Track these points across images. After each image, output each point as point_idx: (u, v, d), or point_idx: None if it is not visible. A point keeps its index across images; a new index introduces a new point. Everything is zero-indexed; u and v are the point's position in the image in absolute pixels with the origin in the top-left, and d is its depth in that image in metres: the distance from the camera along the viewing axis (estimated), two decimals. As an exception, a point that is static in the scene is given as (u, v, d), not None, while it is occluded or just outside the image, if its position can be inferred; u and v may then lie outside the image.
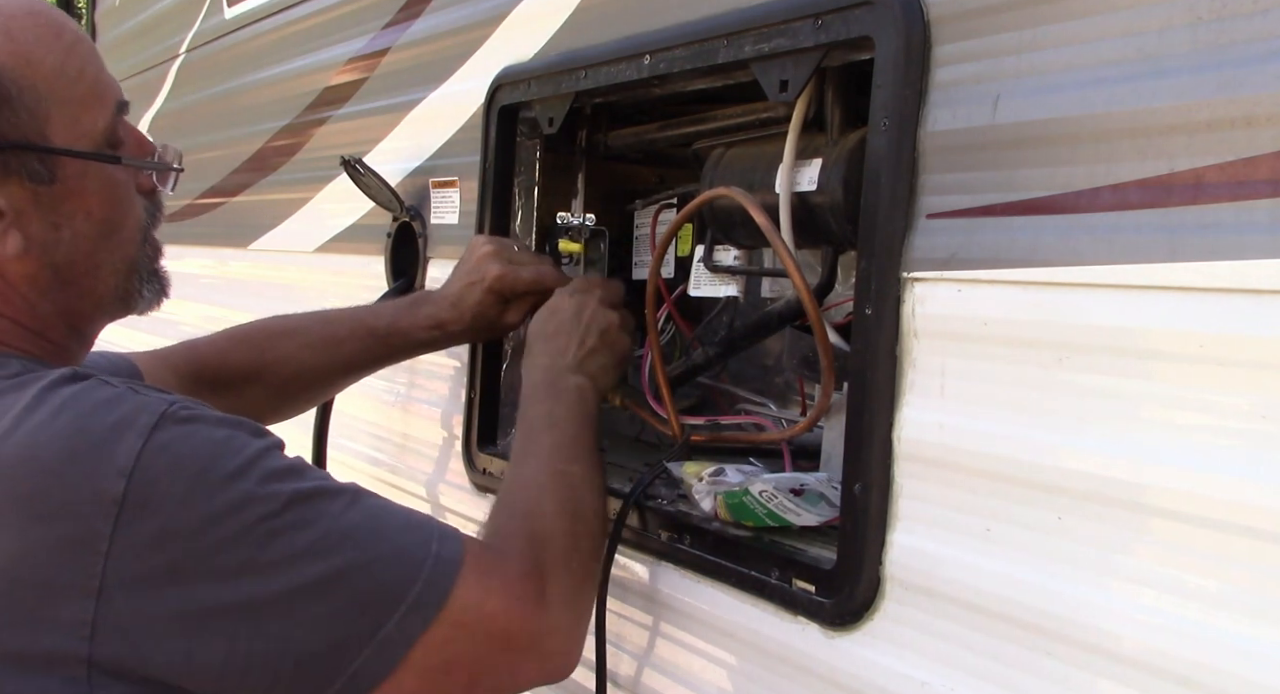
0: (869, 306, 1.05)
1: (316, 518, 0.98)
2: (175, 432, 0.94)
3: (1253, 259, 0.78)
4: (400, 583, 0.99)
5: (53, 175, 1.04)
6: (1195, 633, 0.81)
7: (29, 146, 1.02)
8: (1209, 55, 0.82)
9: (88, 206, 1.07)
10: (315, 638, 0.97)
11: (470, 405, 1.71)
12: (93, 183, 1.07)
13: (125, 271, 1.13)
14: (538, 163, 1.70)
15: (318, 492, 0.99)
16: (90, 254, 1.09)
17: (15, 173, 1.02)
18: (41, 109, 1.03)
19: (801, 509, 1.19)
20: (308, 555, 0.96)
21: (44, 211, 1.05)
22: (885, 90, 1.04)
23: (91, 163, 1.06)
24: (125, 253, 1.12)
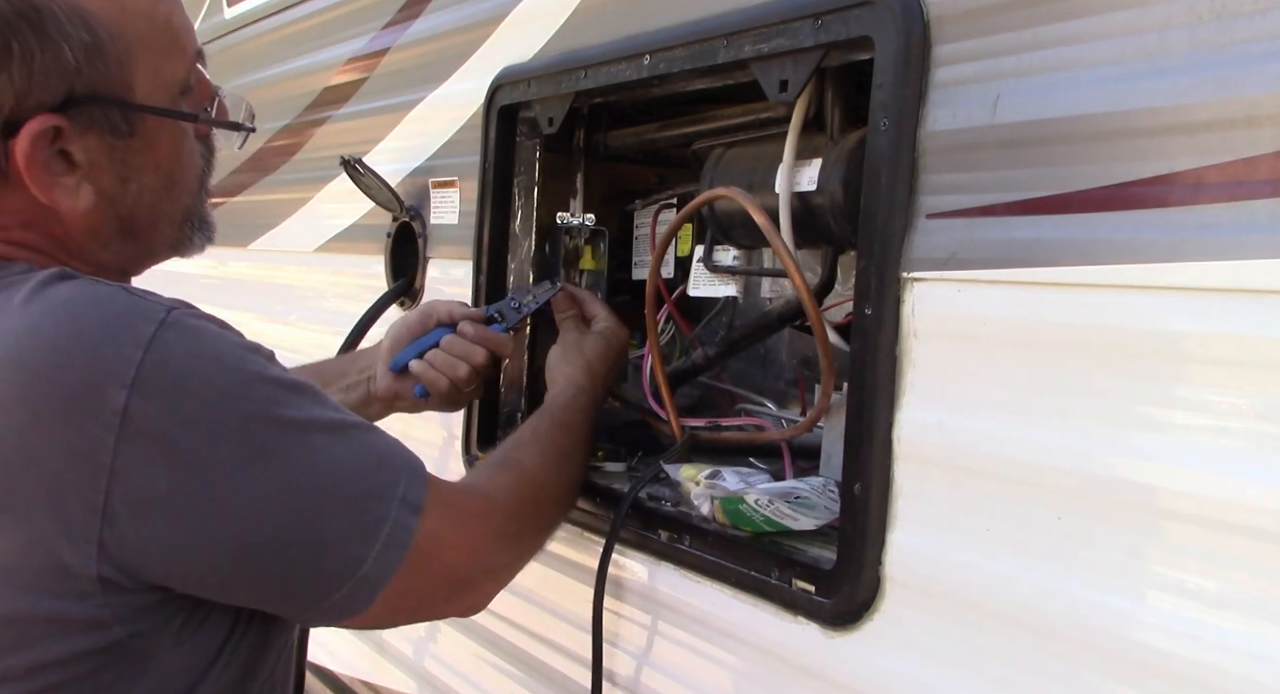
0: (869, 306, 1.05)
1: (308, 450, 0.98)
2: (175, 342, 0.93)
3: (1253, 259, 0.78)
4: (376, 520, 1.01)
5: (132, 129, 1.02)
6: (1195, 633, 0.81)
7: (119, 102, 1.00)
8: (1209, 55, 0.82)
9: (157, 159, 1.06)
10: (297, 567, 0.98)
11: (470, 405, 1.71)
12: (166, 136, 1.06)
13: (181, 220, 1.12)
14: (537, 163, 1.70)
15: (311, 423, 0.99)
16: (153, 206, 1.07)
17: (97, 124, 1.00)
18: (129, 59, 1.00)
19: (799, 514, 1.19)
20: (293, 488, 0.97)
21: (116, 165, 1.03)
22: (885, 90, 1.04)
23: (167, 118, 1.05)
24: (183, 203, 1.11)
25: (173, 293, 1.05)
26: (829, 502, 1.19)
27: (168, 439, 0.91)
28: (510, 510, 1.19)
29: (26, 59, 0.94)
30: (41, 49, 0.94)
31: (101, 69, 0.98)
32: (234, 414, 0.94)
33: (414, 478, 1.05)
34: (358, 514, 1.00)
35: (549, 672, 1.55)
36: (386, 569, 1.01)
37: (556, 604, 1.52)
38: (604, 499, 1.43)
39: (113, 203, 1.04)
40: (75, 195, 1.01)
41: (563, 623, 1.50)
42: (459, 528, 1.10)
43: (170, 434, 0.91)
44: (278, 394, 0.98)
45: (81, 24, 0.96)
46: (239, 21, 2.73)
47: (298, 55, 2.41)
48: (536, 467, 1.27)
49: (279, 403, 0.98)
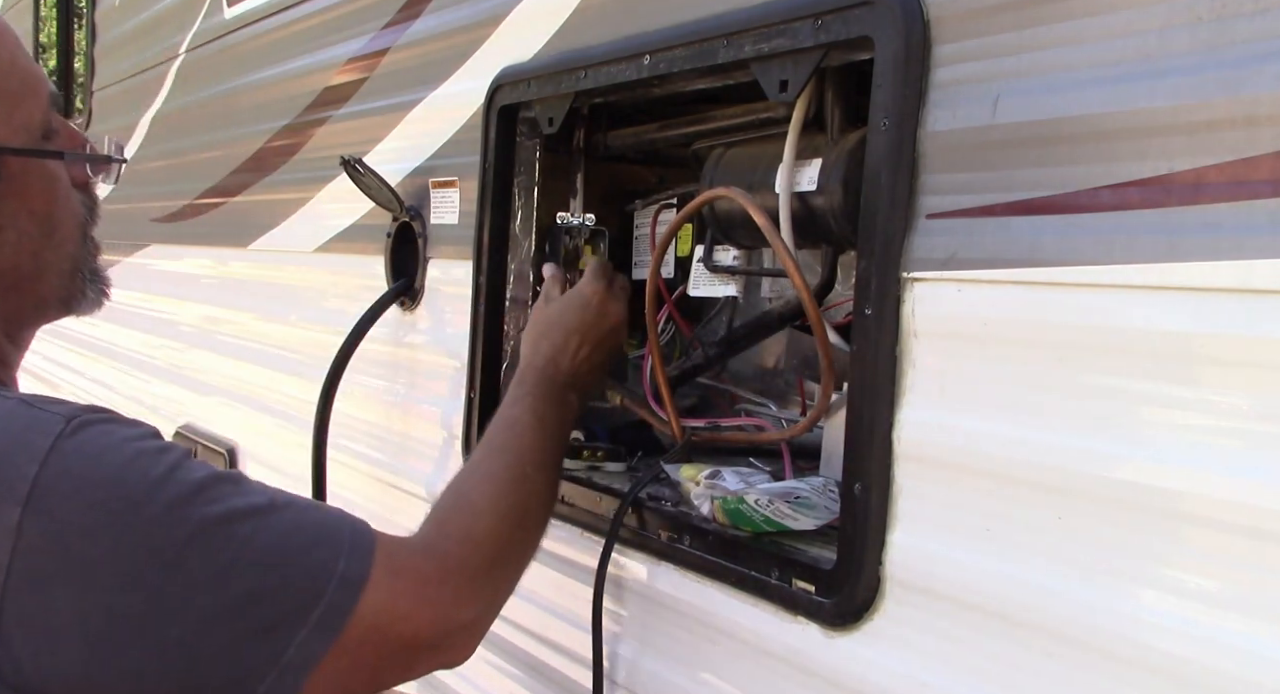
0: (869, 306, 1.05)
1: (222, 545, 0.92)
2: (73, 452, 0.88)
3: (1253, 259, 0.78)
4: (302, 606, 0.95)
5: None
6: (1195, 633, 0.81)
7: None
8: (1209, 55, 0.82)
9: (31, 205, 1.01)
10: (216, 666, 0.93)
11: (470, 405, 1.71)
12: (34, 179, 1.01)
13: (69, 271, 1.06)
14: (537, 163, 1.70)
15: (226, 516, 0.93)
16: (35, 254, 1.02)
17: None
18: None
19: (799, 514, 1.19)
20: (209, 585, 0.91)
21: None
22: (885, 90, 1.04)
23: (32, 159, 1.00)
24: (67, 251, 1.05)
25: (174, 293, 1.04)
26: (829, 502, 1.19)
27: (64, 554, 0.86)
28: (470, 561, 1.11)
29: None
30: None
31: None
32: (139, 521, 0.89)
33: (356, 552, 0.99)
34: (282, 602, 0.94)
35: (549, 672, 1.55)
36: (311, 655, 0.95)
37: (556, 604, 1.52)
38: (604, 499, 1.43)
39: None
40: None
41: (563, 623, 1.50)
42: (414, 597, 1.04)
43: (67, 549, 0.86)
44: (190, 493, 0.91)
45: None
46: (239, 21, 2.73)
47: (298, 55, 2.41)
48: (491, 495, 1.18)
49: (191, 501, 0.91)
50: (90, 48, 3.97)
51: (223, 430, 2.69)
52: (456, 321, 1.79)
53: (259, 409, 2.50)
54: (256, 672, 0.93)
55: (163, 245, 3.23)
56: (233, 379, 2.63)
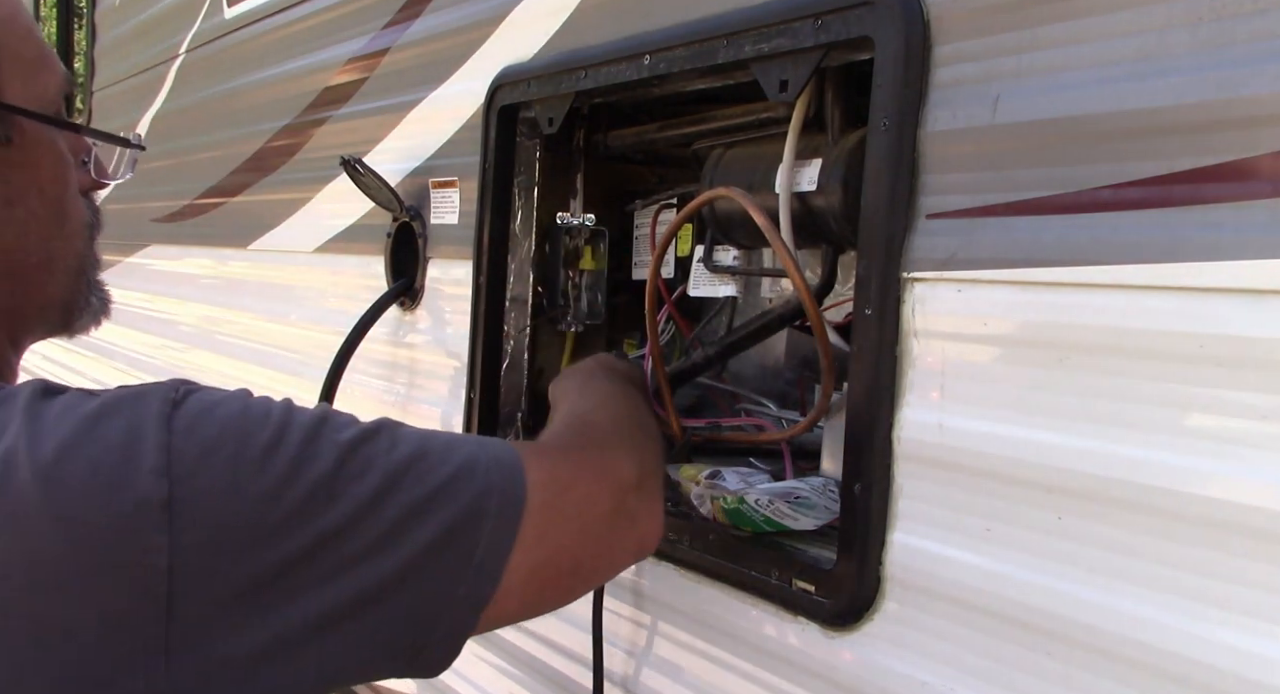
0: (869, 306, 1.05)
1: (369, 464, 0.87)
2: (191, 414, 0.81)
3: (1253, 259, 0.78)
4: (476, 496, 0.90)
5: (8, 137, 0.90)
6: (1195, 633, 0.81)
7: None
8: (1209, 55, 0.82)
9: (40, 181, 0.93)
10: (410, 588, 0.87)
11: (470, 405, 1.71)
12: (46, 155, 0.94)
13: (76, 271, 0.98)
14: (537, 163, 1.70)
15: (359, 437, 0.88)
16: (44, 241, 0.94)
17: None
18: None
19: (799, 514, 1.19)
20: (373, 504, 0.85)
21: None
22: (885, 90, 1.04)
23: (46, 128, 0.92)
24: (75, 248, 0.98)
25: (174, 293, 1.02)
26: (829, 502, 1.19)
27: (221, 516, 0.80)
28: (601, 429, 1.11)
29: None
30: None
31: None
32: (281, 465, 0.83)
33: (492, 445, 0.96)
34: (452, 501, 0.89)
35: (549, 672, 1.55)
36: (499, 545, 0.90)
37: (556, 604, 1.52)
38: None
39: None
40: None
41: (563, 623, 1.50)
42: (569, 465, 1.01)
43: (224, 508, 0.80)
44: (315, 426, 0.86)
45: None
46: (239, 21, 2.73)
47: (298, 55, 2.41)
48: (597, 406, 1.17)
49: (320, 433, 0.86)
50: (90, 48, 3.97)
51: (223, 430, 2.68)
52: (456, 321, 1.79)
53: (259, 409, 2.50)
54: (450, 578, 0.89)
55: (163, 245, 3.23)
56: (233, 379, 2.62)
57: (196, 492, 0.78)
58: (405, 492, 0.87)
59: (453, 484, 0.90)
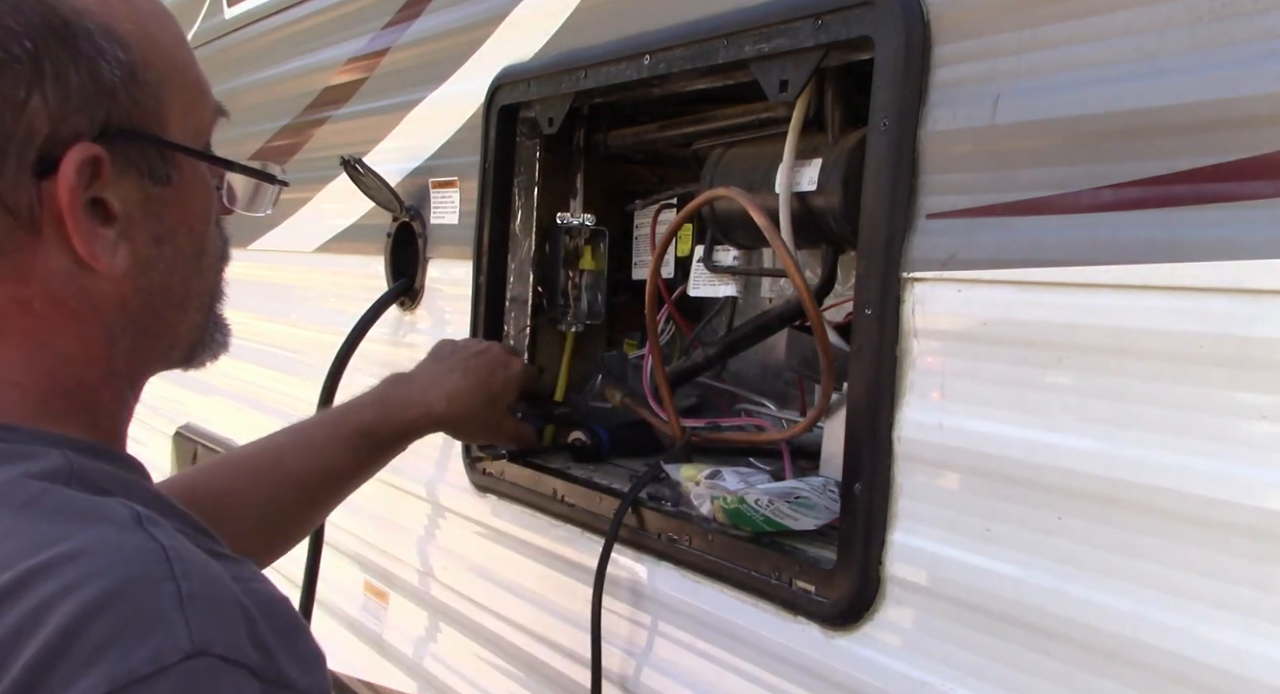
0: (869, 307, 1.05)
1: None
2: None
3: (1253, 259, 0.78)
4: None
5: (169, 176, 0.85)
6: (1195, 633, 0.81)
7: (157, 140, 0.83)
8: (1209, 55, 0.82)
9: (189, 220, 0.88)
10: None
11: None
12: (197, 191, 0.89)
13: (207, 308, 0.93)
14: (537, 163, 1.70)
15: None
16: (186, 280, 0.89)
17: (135, 165, 0.82)
18: (162, 93, 0.84)
19: (799, 514, 1.19)
20: None
21: (151, 221, 0.84)
22: (885, 90, 1.04)
23: (198, 167, 0.88)
24: (209, 284, 0.93)
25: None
26: (829, 502, 1.19)
27: None
28: None
29: (60, 78, 0.77)
30: (75, 65, 0.78)
31: (138, 97, 0.82)
32: None
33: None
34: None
35: (549, 672, 1.55)
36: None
37: (556, 604, 1.52)
38: (604, 499, 1.43)
39: (145, 270, 0.84)
40: (113, 253, 0.80)
41: (562, 623, 1.50)
42: None
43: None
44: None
45: (115, 41, 0.80)
46: (239, 21, 2.73)
47: (298, 55, 2.41)
48: None
49: None
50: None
51: (223, 430, 2.69)
52: (456, 322, 1.79)
53: (259, 409, 2.50)
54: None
55: (163, 245, 3.22)
56: (233, 379, 2.62)
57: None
58: None
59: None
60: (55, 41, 0.78)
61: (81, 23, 0.79)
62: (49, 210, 0.77)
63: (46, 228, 0.78)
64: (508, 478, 1.62)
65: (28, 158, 0.76)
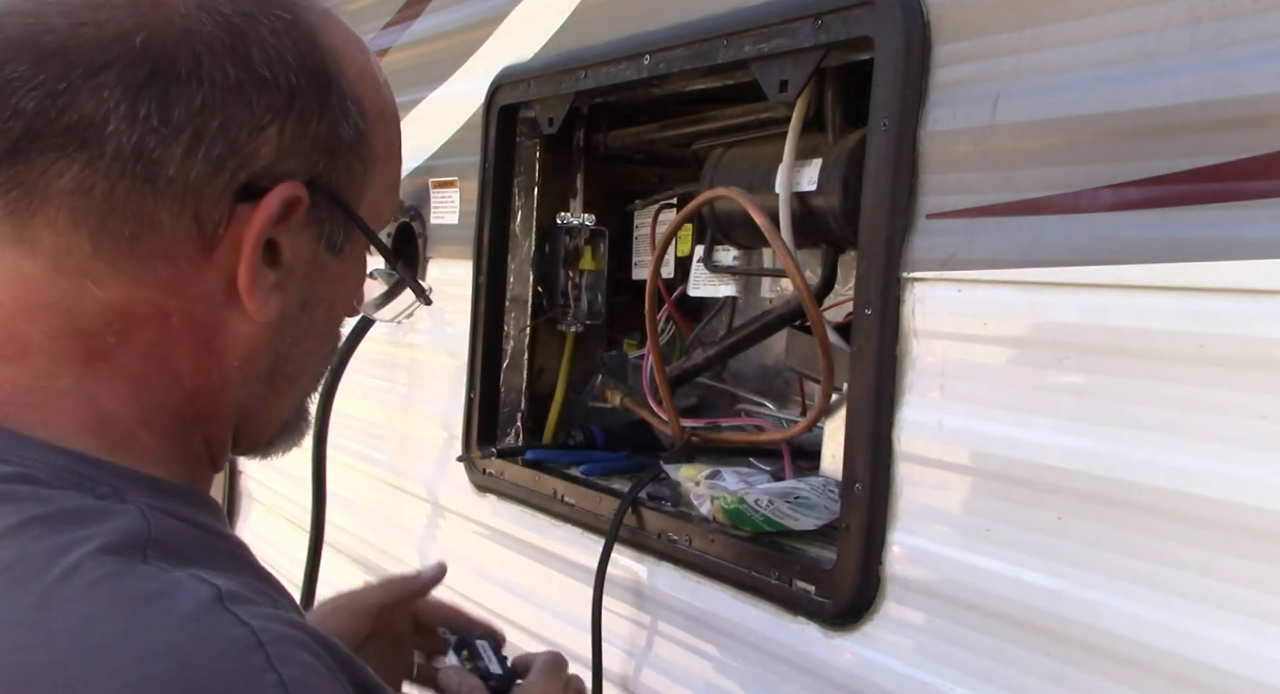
0: (869, 307, 1.05)
1: None
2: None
3: (1253, 259, 0.78)
4: None
5: (341, 249, 0.83)
6: (1195, 633, 0.81)
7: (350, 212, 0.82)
8: (1209, 55, 0.82)
9: (336, 298, 0.87)
10: None
11: (470, 405, 1.71)
12: (354, 276, 0.88)
13: (308, 391, 0.91)
14: (537, 163, 1.70)
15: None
16: (306, 354, 0.87)
17: (319, 226, 0.81)
18: (370, 174, 0.84)
19: (799, 514, 1.19)
20: None
21: (307, 284, 0.83)
22: (885, 90, 1.04)
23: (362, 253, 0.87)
24: (319, 370, 0.91)
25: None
26: (829, 502, 1.19)
27: None
28: None
29: (304, 120, 0.77)
30: (321, 116, 0.78)
31: (353, 165, 0.82)
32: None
33: None
34: None
35: (549, 672, 1.55)
36: None
37: (556, 604, 1.52)
38: (604, 499, 1.43)
39: (282, 328, 0.82)
40: (267, 296, 0.78)
41: (562, 623, 1.50)
42: None
43: None
44: None
45: (360, 110, 0.81)
46: (239, 21, 2.73)
47: (298, 55, 2.41)
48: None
49: None
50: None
51: (223, 430, 2.69)
52: (456, 321, 1.79)
53: (259, 409, 2.50)
54: None
55: (163, 245, 3.22)
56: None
57: None
58: None
59: None
60: (315, 88, 0.78)
61: (340, 83, 0.80)
62: (231, 234, 0.76)
63: (220, 251, 0.76)
64: (508, 478, 1.62)
65: (239, 178, 0.75)
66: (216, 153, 0.74)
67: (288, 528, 2.27)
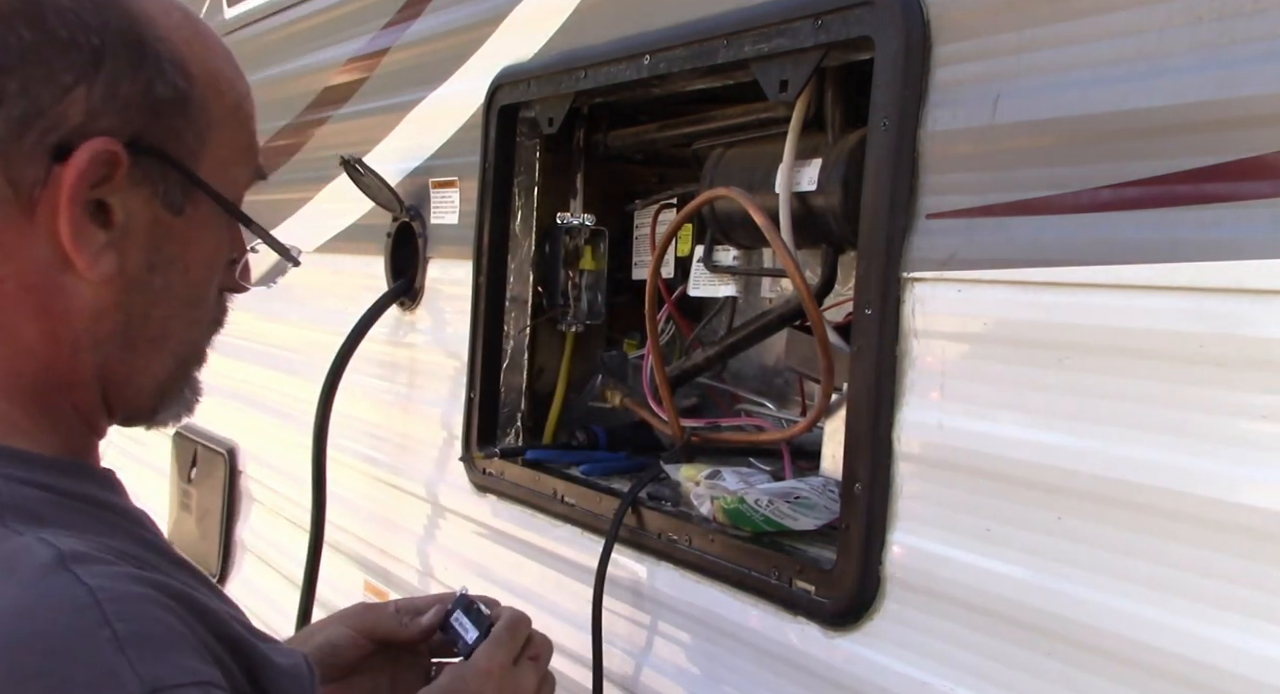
0: (869, 307, 1.05)
1: None
2: None
3: (1253, 259, 0.78)
4: None
5: (181, 209, 0.86)
6: (1195, 633, 0.81)
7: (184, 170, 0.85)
8: (1209, 55, 0.82)
9: (188, 261, 0.89)
10: None
11: (470, 405, 1.71)
12: (206, 240, 0.90)
13: (184, 359, 0.93)
14: (537, 163, 1.70)
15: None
16: (167, 319, 0.89)
17: (151, 182, 0.83)
18: (209, 136, 0.86)
19: (799, 514, 1.19)
20: None
21: (150, 245, 0.85)
22: (885, 90, 1.04)
23: (217, 215, 0.89)
24: (193, 337, 0.93)
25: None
26: (829, 502, 1.19)
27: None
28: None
29: (113, 81, 0.79)
30: (134, 77, 0.80)
31: (179, 126, 0.84)
32: None
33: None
34: None
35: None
36: None
37: (556, 604, 1.52)
38: (604, 499, 1.43)
39: (128, 289, 0.84)
40: (97, 256, 0.80)
41: (563, 623, 1.50)
42: None
43: None
44: None
45: (180, 72, 0.83)
46: (239, 21, 2.73)
47: (298, 55, 2.41)
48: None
49: None
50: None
51: (223, 430, 2.69)
52: (456, 322, 1.79)
53: (259, 409, 2.50)
54: None
55: (163, 245, 3.22)
56: (233, 379, 2.63)
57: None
58: None
59: None
60: (124, 49, 0.80)
61: (156, 46, 0.82)
62: (49, 195, 0.78)
63: (41, 212, 0.78)
64: (508, 478, 1.62)
65: (50, 138, 0.78)
66: (18, 114, 0.76)
67: (288, 528, 2.27)
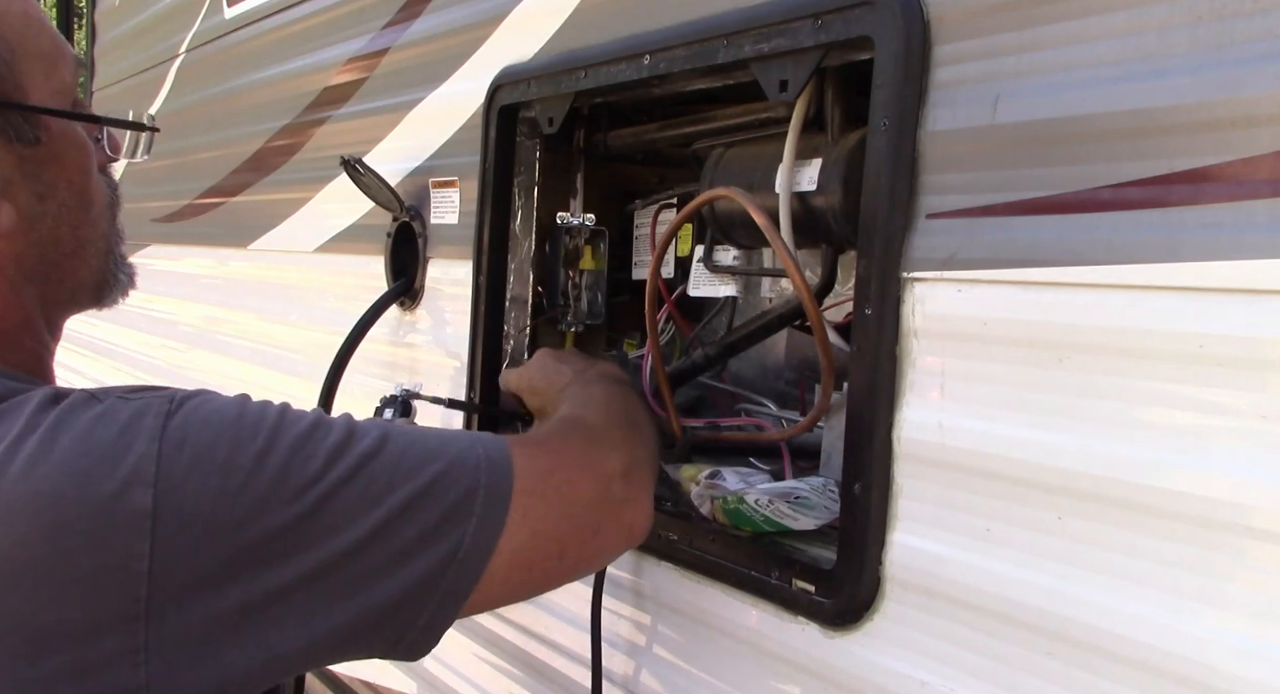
0: (869, 307, 1.05)
1: (359, 466, 0.90)
2: (185, 424, 0.85)
3: (1253, 259, 0.78)
4: (464, 495, 0.95)
5: (37, 137, 0.94)
6: (1195, 633, 0.81)
7: (18, 106, 0.92)
8: (1209, 55, 0.82)
9: (68, 174, 0.97)
10: (394, 583, 0.91)
11: (470, 404, 1.71)
12: (71, 146, 0.97)
13: (104, 252, 1.03)
14: (537, 163, 1.70)
15: (348, 439, 0.91)
16: (75, 229, 0.98)
17: (2, 132, 0.92)
18: (16, 62, 0.92)
19: (799, 514, 1.19)
20: (364, 505, 0.90)
21: (29, 179, 0.94)
22: (885, 90, 1.04)
23: (69, 124, 0.97)
24: (101, 230, 1.02)
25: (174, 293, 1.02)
26: (829, 502, 1.19)
27: (208, 521, 0.83)
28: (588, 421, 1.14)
29: None
30: None
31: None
32: (271, 470, 0.86)
33: (484, 440, 0.99)
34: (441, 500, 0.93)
35: (549, 672, 1.55)
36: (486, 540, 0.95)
37: (556, 604, 1.52)
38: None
39: (33, 224, 0.95)
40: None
41: (562, 623, 1.50)
42: (552, 453, 1.05)
43: (209, 514, 0.83)
44: (309, 429, 0.90)
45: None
46: (239, 21, 2.73)
47: (298, 55, 2.41)
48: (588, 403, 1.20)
49: (312, 437, 0.90)
50: (90, 48, 3.97)
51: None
52: (456, 321, 1.79)
53: (259, 409, 2.50)
54: (435, 570, 0.92)
55: (163, 245, 3.23)
56: (233, 379, 2.63)
57: (183, 500, 0.83)
58: (394, 493, 0.92)
59: (441, 482, 0.94)
60: None
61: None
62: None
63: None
64: (508, 478, 1.62)
65: None
66: None
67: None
